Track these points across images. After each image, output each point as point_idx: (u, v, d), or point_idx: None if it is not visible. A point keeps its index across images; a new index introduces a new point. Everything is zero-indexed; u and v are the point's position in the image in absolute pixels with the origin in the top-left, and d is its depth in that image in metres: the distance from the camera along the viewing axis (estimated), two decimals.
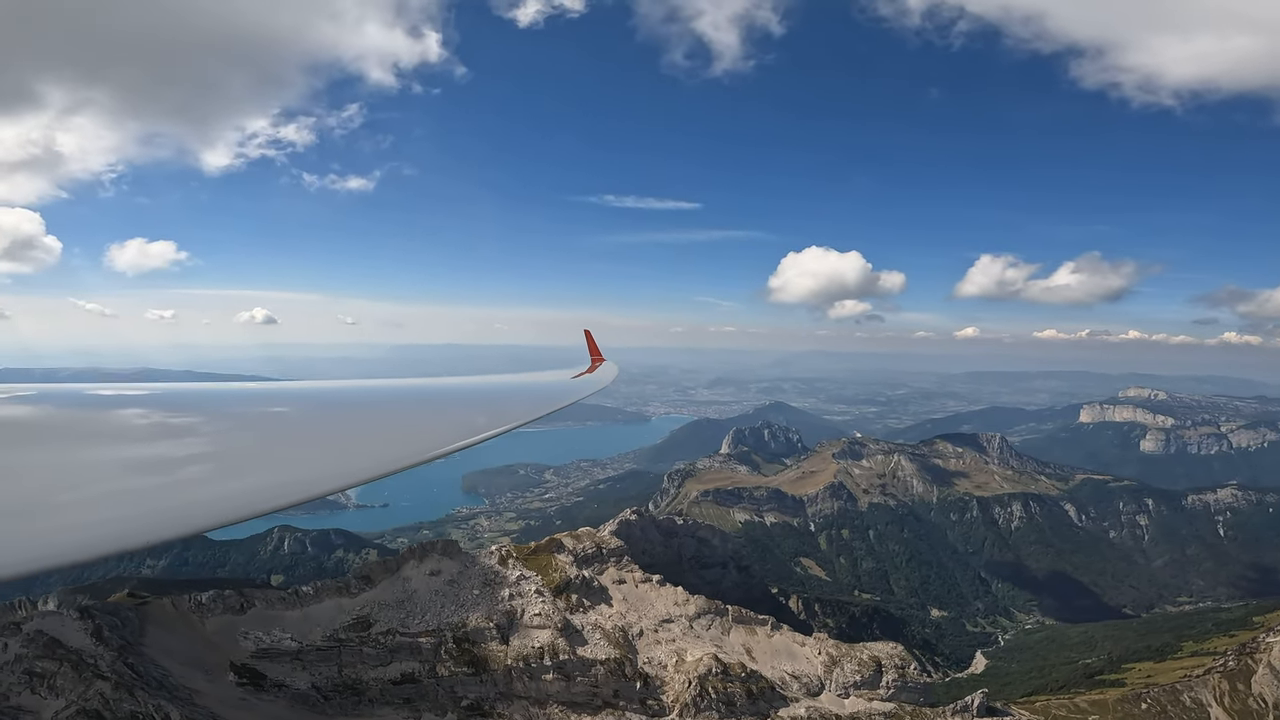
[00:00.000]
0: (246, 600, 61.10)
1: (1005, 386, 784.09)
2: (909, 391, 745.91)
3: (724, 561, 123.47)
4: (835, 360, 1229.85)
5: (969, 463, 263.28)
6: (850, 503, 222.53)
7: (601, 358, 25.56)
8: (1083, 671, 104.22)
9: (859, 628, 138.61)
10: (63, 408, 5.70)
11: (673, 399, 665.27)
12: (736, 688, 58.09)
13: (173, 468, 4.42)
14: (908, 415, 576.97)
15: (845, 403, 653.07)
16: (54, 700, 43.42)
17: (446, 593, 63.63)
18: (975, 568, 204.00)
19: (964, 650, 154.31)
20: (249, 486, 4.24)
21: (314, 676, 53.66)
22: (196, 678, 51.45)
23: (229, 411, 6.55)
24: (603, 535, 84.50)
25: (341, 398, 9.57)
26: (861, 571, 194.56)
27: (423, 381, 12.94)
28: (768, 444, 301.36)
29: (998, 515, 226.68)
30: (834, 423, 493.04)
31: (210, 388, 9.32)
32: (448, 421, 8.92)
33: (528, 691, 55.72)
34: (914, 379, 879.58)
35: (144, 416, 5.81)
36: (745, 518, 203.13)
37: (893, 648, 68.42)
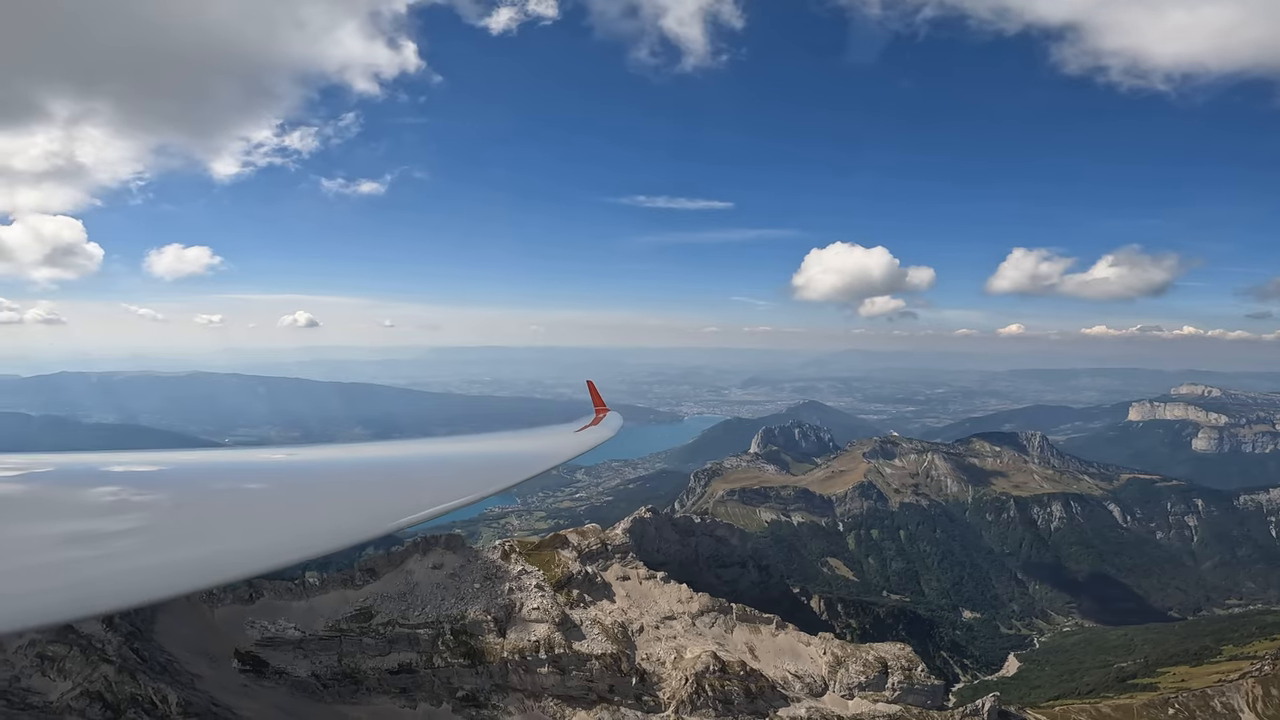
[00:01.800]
0: (255, 590, 62.70)
1: (1051, 385, 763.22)
2: (948, 390, 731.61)
3: (742, 561, 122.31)
4: (872, 359, 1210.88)
5: (1007, 462, 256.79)
6: (880, 502, 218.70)
7: (606, 408, 25.14)
8: (1115, 675, 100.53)
9: (883, 629, 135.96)
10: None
11: (706, 399, 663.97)
12: (735, 686, 57.50)
13: (107, 540, 4.32)
14: (946, 414, 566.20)
15: (882, 402, 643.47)
16: (62, 682, 45.17)
17: (448, 586, 64.37)
18: (1012, 569, 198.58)
19: (996, 652, 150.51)
20: (199, 555, 4.24)
21: (314, 665, 54.79)
22: (201, 664, 53.00)
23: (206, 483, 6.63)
24: (609, 533, 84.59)
25: (333, 463, 9.66)
26: (891, 572, 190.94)
27: (429, 443, 13.37)
28: (798, 443, 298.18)
29: (1036, 515, 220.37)
30: (869, 422, 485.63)
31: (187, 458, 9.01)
32: (442, 484, 8.92)
33: (523, 684, 56.00)
34: (954, 378, 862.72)
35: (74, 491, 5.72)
36: (771, 517, 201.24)
37: (900, 649, 66.96)
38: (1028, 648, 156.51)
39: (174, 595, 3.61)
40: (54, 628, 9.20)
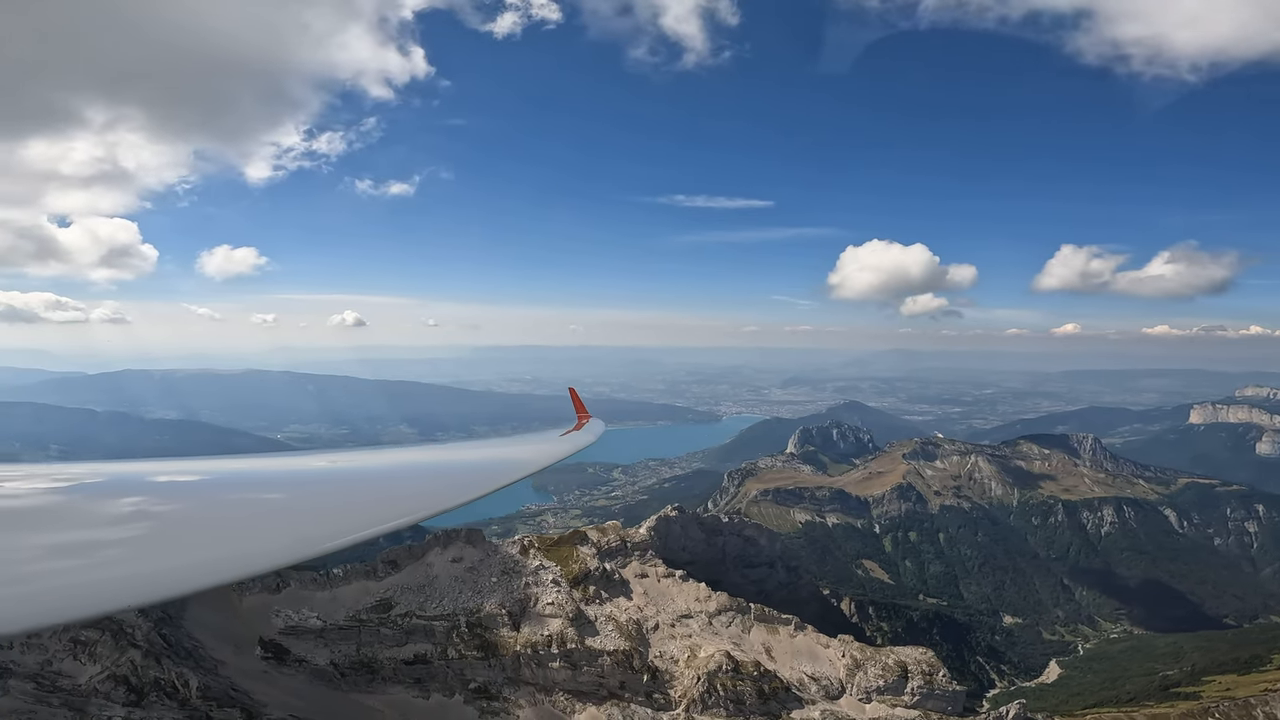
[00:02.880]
0: (283, 580, 64.65)
1: (1108, 386, 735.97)
2: (997, 391, 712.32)
3: (770, 561, 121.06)
4: (917, 359, 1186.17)
5: (1056, 465, 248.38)
6: (920, 504, 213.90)
7: (587, 414, 25.27)
8: (1159, 684, 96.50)
9: (917, 632, 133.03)
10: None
11: (745, 399, 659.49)
12: (747, 686, 57.08)
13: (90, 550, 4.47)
14: (995, 416, 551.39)
15: (927, 402, 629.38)
16: (91, 666, 47.28)
17: (466, 579, 65.36)
18: (1058, 574, 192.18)
19: (1037, 659, 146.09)
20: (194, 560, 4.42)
21: (333, 654, 56.27)
22: (225, 650, 54.94)
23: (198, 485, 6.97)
24: (630, 531, 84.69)
25: (316, 470, 9.92)
26: (928, 575, 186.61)
27: (406, 451, 13.73)
28: (836, 444, 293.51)
29: (1086, 520, 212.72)
30: (913, 423, 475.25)
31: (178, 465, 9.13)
32: (425, 491, 9.21)
33: (535, 678, 56.56)
34: (1004, 378, 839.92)
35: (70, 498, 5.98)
36: (806, 518, 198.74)
37: (922, 653, 65.48)
38: (1071, 654, 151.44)
39: (154, 602, 3.88)
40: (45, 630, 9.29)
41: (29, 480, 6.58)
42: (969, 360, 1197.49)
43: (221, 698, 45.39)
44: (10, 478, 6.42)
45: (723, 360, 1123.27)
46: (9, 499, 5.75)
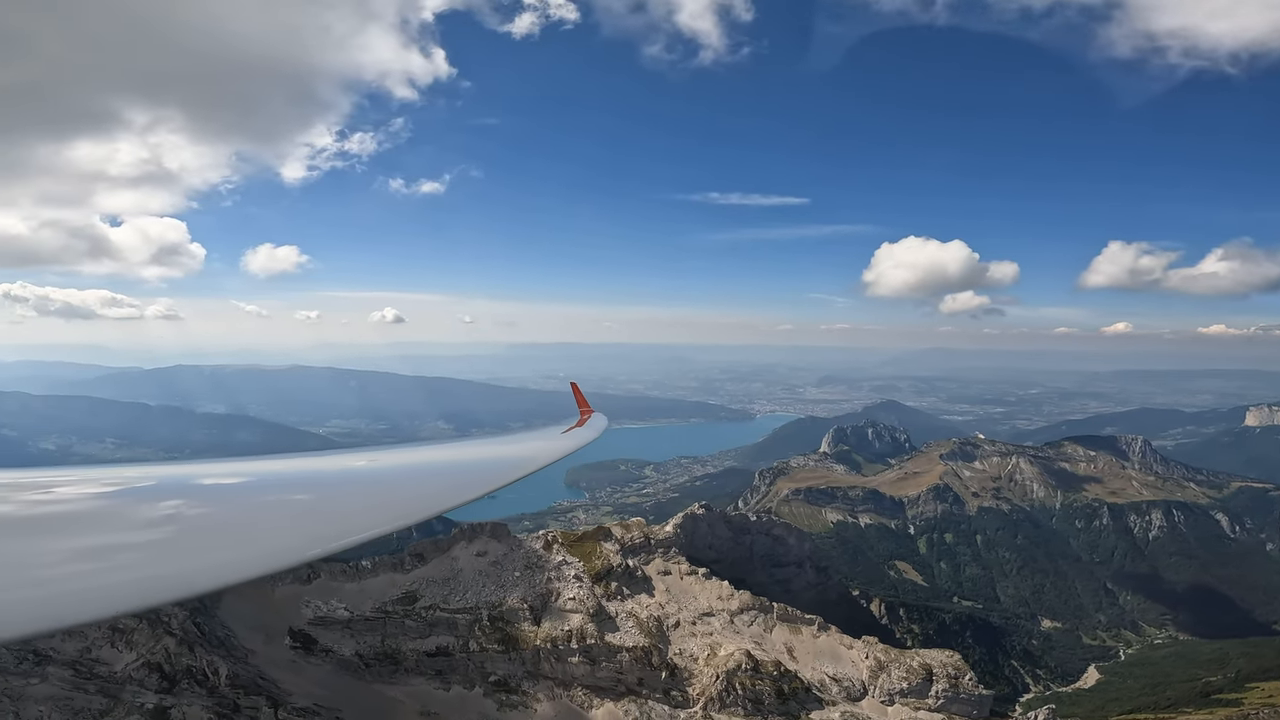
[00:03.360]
0: (314, 571, 66.38)
1: (1160, 386, 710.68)
2: (1043, 391, 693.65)
3: (799, 561, 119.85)
4: (958, 358, 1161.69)
5: (1102, 467, 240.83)
6: (956, 506, 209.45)
7: (590, 409, 25.42)
8: (1200, 690, 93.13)
9: (948, 635, 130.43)
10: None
11: (779, 397, 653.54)
12: (766, 685, 56.77)
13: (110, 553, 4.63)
14: (1040, 416, 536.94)
15: (968, 402, 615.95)
16: (128, 654, 49.16)
17: (490, 573, 66.24)
18: (1101, 578, 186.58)
19: (1075, 663, 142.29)
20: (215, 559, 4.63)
21: (359, 644, 57.62)
22: (256, 640, 56.67)
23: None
24: (654, 528, 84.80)
25: (321, 469, 10.05)
26: (964, 578, 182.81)
27: (415, 449, 14.12)
28: (871, 443, 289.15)
29: (1133, 523, 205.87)
30: (952, 423, 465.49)
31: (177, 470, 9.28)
32: (426, 489, 9.31)
33: (554, 672, 57.10)
34: (1050, 378, 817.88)
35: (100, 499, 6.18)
36: (838, 518, 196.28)
37: (948, 656, 64.22)
38: (1111, 659, 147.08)
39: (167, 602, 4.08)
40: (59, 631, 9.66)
41: (62, 486, 6.74)
42: (1013, 359, 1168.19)
43: (249, 686, 46.88)
44: (42, 484, 6.63)
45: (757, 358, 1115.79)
46: (42, 504, 5.95)
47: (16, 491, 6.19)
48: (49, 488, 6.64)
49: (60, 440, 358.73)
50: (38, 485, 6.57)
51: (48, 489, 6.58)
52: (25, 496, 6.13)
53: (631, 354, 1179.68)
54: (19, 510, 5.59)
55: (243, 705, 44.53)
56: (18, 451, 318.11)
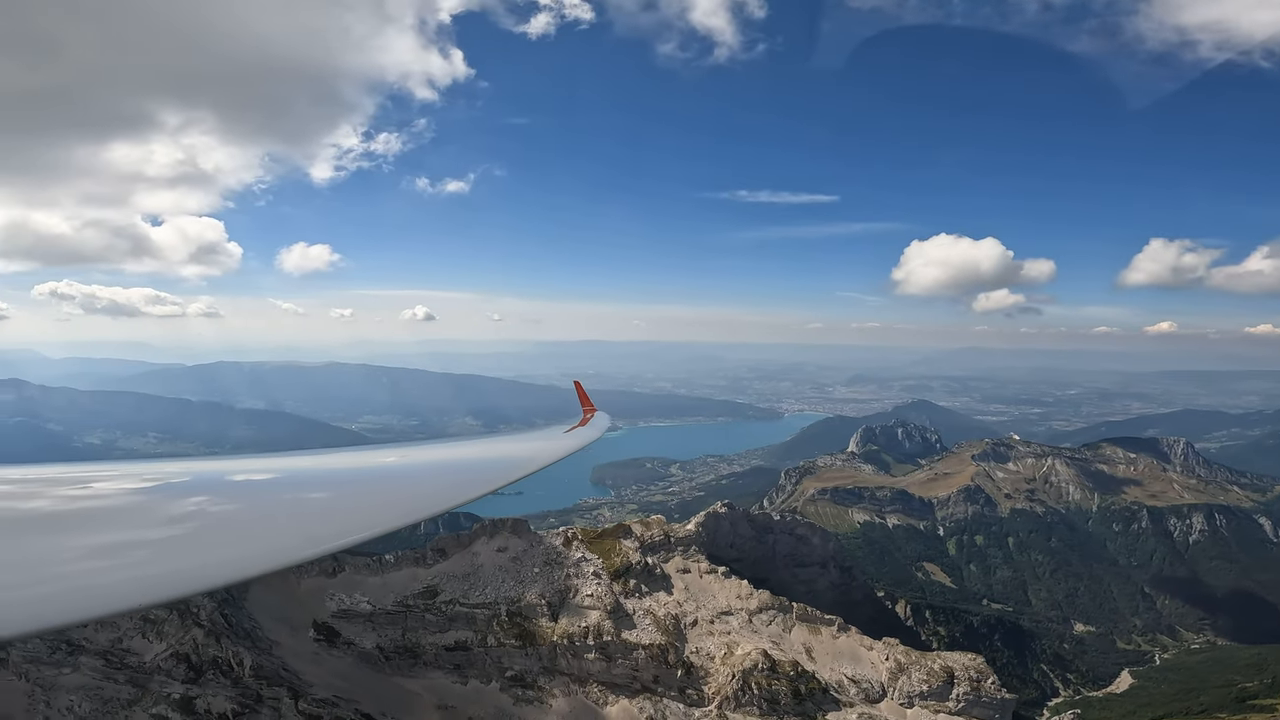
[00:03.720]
0: (338, 565, 67.73)
1: (1205, 387, 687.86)
2: (1082, 391, 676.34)
3: (823, 561, 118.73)
4: (993, 357, 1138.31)
5: (1142, 469, 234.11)
6: (988, 508, 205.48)
7: (593, 408, 25.59)
8: (1236, 695, 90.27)
9: (976, 638, 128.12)
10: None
11: (808, 396, 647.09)
12: (782, 685, 56.44)
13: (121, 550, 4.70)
14: (1078, 417, 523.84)
15: (1003, 402, 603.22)
16: (157, 644, 50.71)
17: (509, 569, 66.84)
18: (1138, 582, 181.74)
19: (1108, 668, 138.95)
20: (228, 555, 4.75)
21: (380, 637, 58.66)
22: (282, 631, 58.02)
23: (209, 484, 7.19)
24: (673, 526, 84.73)
25: (324, 467, 10.04)
26: (995, 580, 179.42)
27: (412, 448, 14.27)
28: (901, 443, 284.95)
29: (1173, 527, 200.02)
30: (986, 423, 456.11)
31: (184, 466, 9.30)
32: (438, 486, 9.31)
33: (570, 669, 57.46)
34: (1090, 378, 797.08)
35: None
36: (864, 518, 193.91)
37: (970, 659, 63.15)
38: (1146, 664, 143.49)
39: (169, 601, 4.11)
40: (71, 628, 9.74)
41: (99, 481, 6.85)
42: (1051, 359, 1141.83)
43: (272, 677, 48.07)
44: (80, 479, 6.82)
45: (785, 357, 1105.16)
46: (78, 499, 6.11)
47: (52, 486, 6.45)
48: (87, 483, 6.78)
49: (105, 435, 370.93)
50: (76, 480, 6.77)
51: (85, 484, 6.74)
52: (60, 491, 6.34)
53: (659, 352, 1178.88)
54: (54, 505, 5.75)
55: (265, 696, 45.71)
56: (63, 445, 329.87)
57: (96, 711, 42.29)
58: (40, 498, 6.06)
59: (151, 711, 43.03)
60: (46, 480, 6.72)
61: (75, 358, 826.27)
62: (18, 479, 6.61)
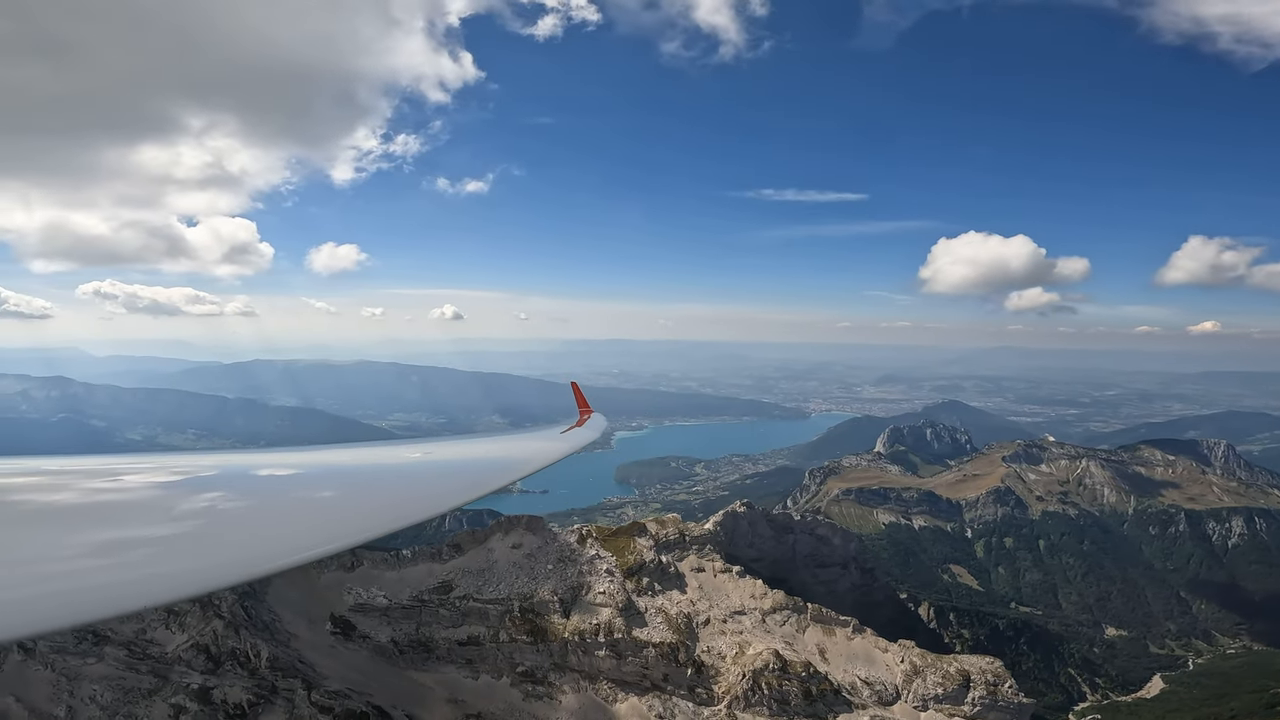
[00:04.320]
0: (357, 560, 68.97)
1: (1251, 389, 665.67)
2: (1122, 393, 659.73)
3: (844, 562, 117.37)
4: (1029, 357, 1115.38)
5: (1180, 472, 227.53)
6: (1019, 510, 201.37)
7: (589, 410, 25.46)
8: (1268, 701, 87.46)
9: (1001, 641, 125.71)
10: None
11: (835, 396, 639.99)
12: (793, 686, 56.08)
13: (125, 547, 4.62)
14: (1117, 419, 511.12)
15: (1038, 403, 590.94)
16: (179, 635, 52.20)
17: (523, 565, 67.43)
18: (1174, 586, 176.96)
19: (1139, 673, 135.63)
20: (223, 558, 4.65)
21: (394, 631, 59.65)
22: (300, 624, 59.28)
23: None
24: (689, 524, 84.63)
25: (307, 467, 9.73)
26: (1024, 583, 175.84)
27: (413, 446, 14.10)
28: (929, 444, 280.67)
29: (1211, 530, 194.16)
30: (1020, 425, 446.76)
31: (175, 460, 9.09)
32: (428, 489, 9.06)
33: (581, 665, 57.79)
34: (1130, 379, 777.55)
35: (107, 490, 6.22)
36: (890, 519, 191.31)
37: (988, 662, 62.08)
38: (1179, 669, 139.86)
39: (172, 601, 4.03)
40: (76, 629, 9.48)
41: (130, 474, 6.87)
42: (1089, 359, 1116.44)
43: (287, 669, 49.20)
44: (112, 470, 6.88)
45: (813, 356, 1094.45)
46: (105, 492, 6.14)
47: (83, 479, 6.49)
48: (117, 475, 6.80)
49: (146, 431, 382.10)
50: (108, 472, 6.82)
51: (116, 476, 6.75)
52: (88, 484, 6.34)
53: (685, 351, 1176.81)
54: (80, 499, 5.72)
55: (280, 687, 46.81)
56: (105, 441, 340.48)
57: (117, 701, 43.81)
58: (60, 491, 6.03)
59: (170, 701, 44.45)
60: (74, 472, 6.74)
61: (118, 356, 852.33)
62: (48, 470, 6.67)
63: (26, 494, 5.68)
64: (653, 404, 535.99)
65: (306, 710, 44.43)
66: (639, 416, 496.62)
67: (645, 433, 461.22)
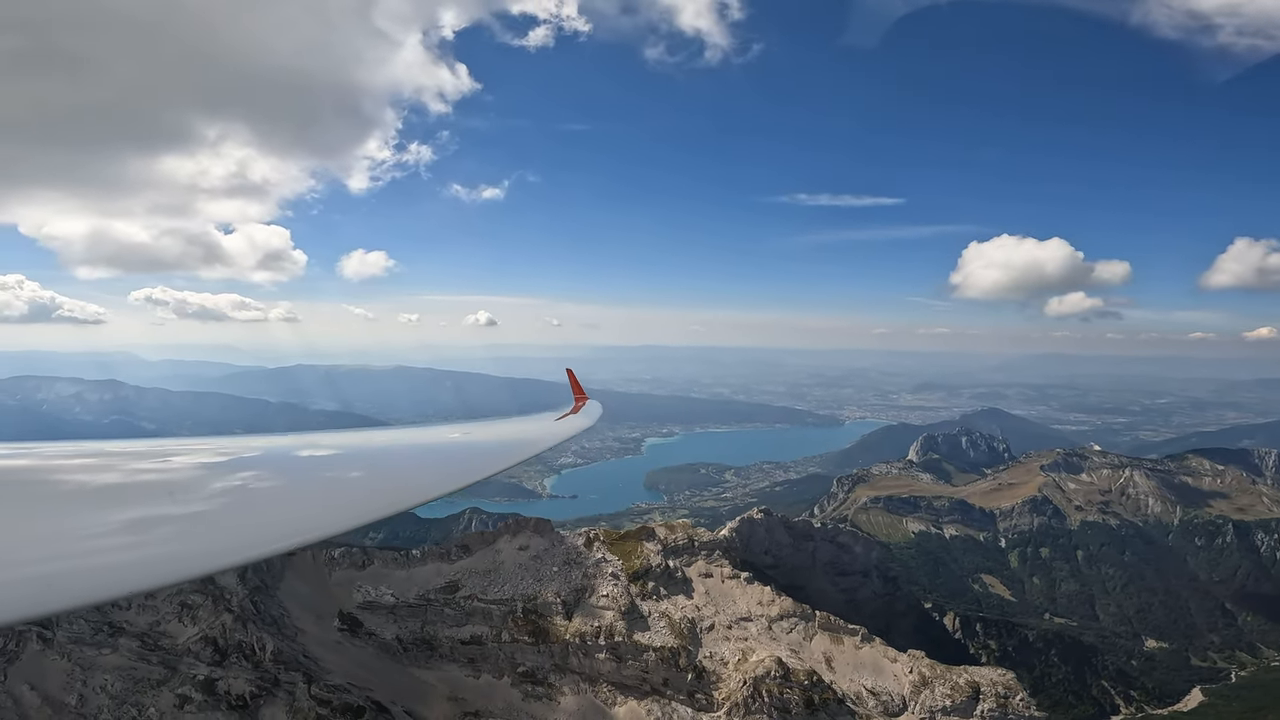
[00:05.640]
0: (368, 558, 70.38)
1: None
2: (1174, 400, 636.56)
3: (865, 570, 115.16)
4: (1076, 364, 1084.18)
5: (1229, 482, 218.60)
6: (1056, 519, 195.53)
7: (585, 396, 25.54)
8: None
9: (1030, 653, 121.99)
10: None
11: (871, 403, 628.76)
12: (795, 695, 55.36)
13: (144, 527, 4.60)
14: (1168, 427, 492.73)
15: (1085, 411, 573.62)
16: (191, 628, 53.82)
17: (529, 566, 67.96)
18: (1219, 598, 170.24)
19: (1178, 685, 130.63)
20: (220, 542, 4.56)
21: (400, 629, 60.64)
22: (308, 619, 60.66)
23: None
24: (700, 529, 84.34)
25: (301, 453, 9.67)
26: (1059, 594, 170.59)
27: (404, 432, 14.09)
28: (965, 452, 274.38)
29: (1260, 541, 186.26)
30: (1065, 433, 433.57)
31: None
32: (418, 474, 8.91)
33: (581, 667, 57.96)
34: (1183, 386, 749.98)
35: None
36: (920, 528, 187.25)
37: (999, 674, 60.51)
38: (1220, 682, 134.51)
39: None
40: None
41: (177, 455, 6.98)
42: (1140, 366, 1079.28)
43: (290, 662, 50.40)
44: (158, 452, 6.99)
45: (848, 362, 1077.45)
46: (148, 472, 6.20)
47: (130, 460, 6.63)
48: (164, 456, 6.93)
49: (192, 433, 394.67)
50: (153, 454, 6.92)
51: (163, 457, 6.89)
52: (134, 465, 6.45)
53: (718, 357, 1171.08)
54: (126, 479, 5.80)
55: (282, 680, 47.99)
56: None
57: (127, 690, 45.44)
58: (104, 471, 6.07)
59: (177, 691, 45.93)
60: (119, 454, 6.89)
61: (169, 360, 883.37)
62: (95, 452, 6.79)
63: (70, 475, 5.76)
64: (684, 410, 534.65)
65: (306, 703, 45.46)
66: (670, 423, 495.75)
67: (676, 439, 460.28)
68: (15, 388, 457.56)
